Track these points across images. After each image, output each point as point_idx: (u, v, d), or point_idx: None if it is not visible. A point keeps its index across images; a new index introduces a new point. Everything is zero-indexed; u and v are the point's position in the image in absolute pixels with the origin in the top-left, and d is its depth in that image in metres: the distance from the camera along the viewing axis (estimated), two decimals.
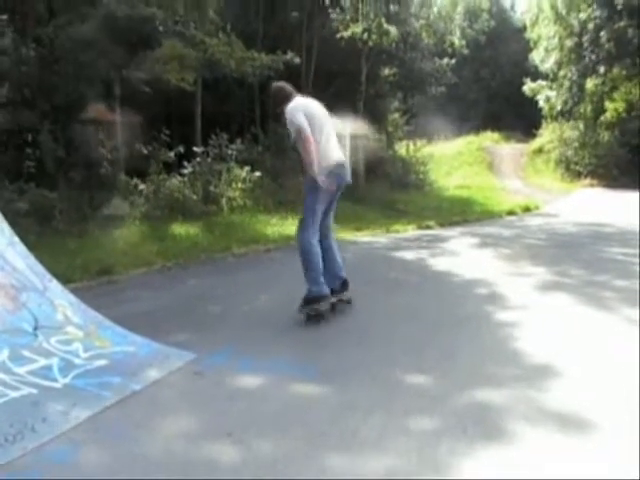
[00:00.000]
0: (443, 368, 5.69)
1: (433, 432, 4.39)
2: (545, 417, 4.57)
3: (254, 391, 5.25)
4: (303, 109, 7.38)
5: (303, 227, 7.61)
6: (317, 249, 7.55)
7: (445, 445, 4.17)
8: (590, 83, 41.37)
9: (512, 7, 68.49)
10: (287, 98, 7.63)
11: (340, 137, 7.99)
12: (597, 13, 40.51)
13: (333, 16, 26.72)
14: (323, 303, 7.46)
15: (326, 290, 7.49)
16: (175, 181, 17.35)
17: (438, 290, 9.34)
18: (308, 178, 7.45)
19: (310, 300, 7.42)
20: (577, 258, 11.99)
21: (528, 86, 45.99)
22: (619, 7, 38.57)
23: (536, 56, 47.16)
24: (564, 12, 42.24)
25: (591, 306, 7.95)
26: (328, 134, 7.52)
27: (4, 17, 14.98)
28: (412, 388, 5.26)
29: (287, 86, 7.90)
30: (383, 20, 26.45)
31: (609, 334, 6.72)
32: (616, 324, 7.09)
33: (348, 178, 7.69)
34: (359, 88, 27.81)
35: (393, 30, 26.64)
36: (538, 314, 7.65)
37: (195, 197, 17.21)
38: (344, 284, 7.87)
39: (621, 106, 39.99)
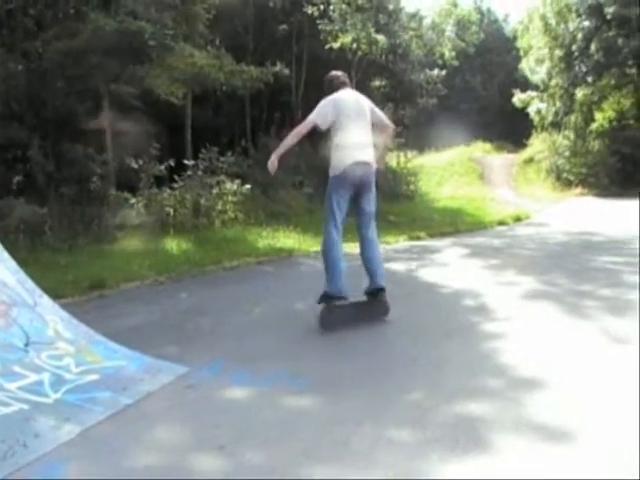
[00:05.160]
0: (432, 379, 5.70)
1: (423, 443, 4.40)
2: (531, 429, 4.56)
3: (246, 404, 5.26)
4: (333, 105, 7.71)
5: (324, 227, 7.88)
6: (335, 250, 7.70)
7: (435, 456, 4.18)
8: (580, 93, 41.49)
9: (505, 19, 68.86)
10: (334, 89, 7.98)
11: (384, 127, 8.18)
12: (586, 23, 40.67)
13: (321, 27, 26.75)
14: (336, 303, 7.60)
15: (337, 291, 7.56)
16: (166, 195, 17.35)
17: (428, 301, 9.32)
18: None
19: (325, 297, 7.62)
20: (566, 267, 12.00)
21: (518, 98, 46.06)
22: (608, 17, 38.71)
23: (526, 66, 47.34)
24: (553, 22, 42.38)
25: (576, 316, 7.94)
26: (349, 133, 7.65)
27: None
28: (402, 399, 5.26)
29: (340, 76, 8.24)
30: (372, 30, 26.52)
31: (594, 344, 6.72)
32: (601, 334, 7.08)
33: (363, 177, 7.68)
34: None
35: (382, 39, 26.71)
36: (526, 324, 7.63)
37: (186, 211, 17.21)
38: (372, 293, 7.90)
39: (611, 115, 40.12)
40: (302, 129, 7.63)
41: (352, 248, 8.34)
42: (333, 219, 7.68)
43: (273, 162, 7.79)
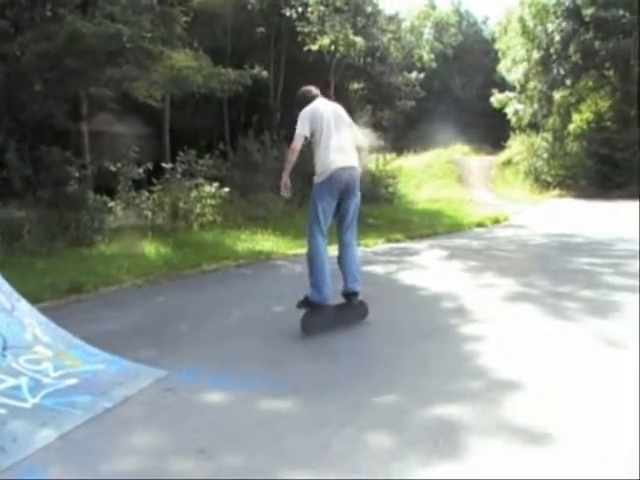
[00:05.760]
0: (411, 382, 5.71)
1: (403, 445, 4.40)
2: (508, 431, 4.57)
3: (225, 407, 5.25)
4: (311, 115, 7.70)
5: (308, 233, 7.76)
6: (321, 258, 7.62)
7: (415, 458, 4.19)
8: (558, 95, 41.69)
9: (485, 21, 69.13)
10: (308, 101, 7.98)
11: (359, 149, 8.08)
12: (564, 25, 40.85)
13: (300, 29, 26.74)
14: (318, 309, 7.56)
15: (322, 299, 7.52)
16: (144, 198, 17.29)
17: (407, 304, 9.33)
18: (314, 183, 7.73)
19: (307, 303, 7.59)
20: (546, 269, 12.05)
21: (495, 98, 46.24)
22: (586, 19, 38.92)
23: (503, 68, 47.54)
24: (531, 24, 42.54)
25: (557, 317, 7.96)
26: (332, 139, 7.64)
27: None
28: (381, 402, 5.27)
29: (312, 90, 8.26)
30: (350, 31, 26.55)
31: (575, 346, 6.74)
32: (583, 336, 7.10)
33: (349, 181, 7.66)
34: None
35: (360, 40, 26.74)
36: (506, 326, 7.65)
37: (164, 214, 17.17)
38: (347, 296, 7.90)
39: (588, 117, 40.36)
40: (296, 145, 7.58)
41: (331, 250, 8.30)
42: (318, 226, 7.61)
43: (286, 184, 7.80)
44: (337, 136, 7.68)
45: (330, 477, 3.99)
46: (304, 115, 7.71)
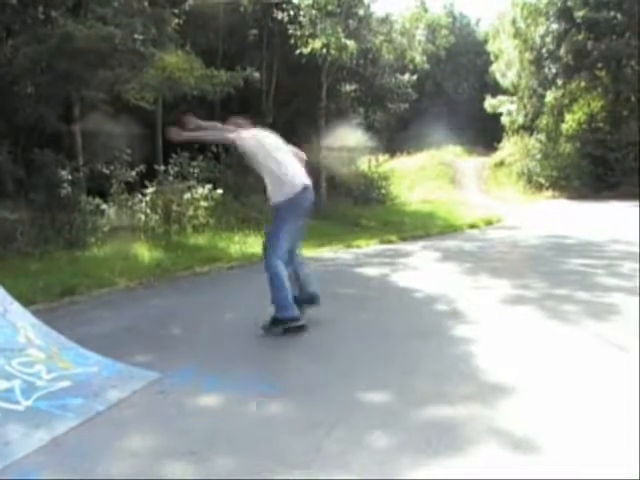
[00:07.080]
0: (403, 384, 5.70)
1: (394, 447, 4.41)
2: (496, 436, 4.57)
3: (218, 409, 5.25)
4: (254, 135, 7.81)
5: (268, 253, 7.62)
6: (282, 273, 7.49)
7: (406, 460, 4.19)
8: (550, 96, 41.76)
9: (477, 22, 69.29)
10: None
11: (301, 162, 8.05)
12: (555, 26, 40.93)
13: (291, 32, 26.73)
14: (290, 326, 7.46)
15: (292, 313, 7.46)
16: (137, 200, 17.29)
17: (400, 306, 9.32)
18: (274, 205, 7.61)
19: (276, 322, 7.49)
20: (538, 270, 12.05)
21: (489, 102, 46.34)
22: (578, 20, 39.01)
23: (496, 69, 47.63)
24: (523, 26, 42.60)
25: (553, 320, 7.94)
26: (285, 158, 7.70)
27: None
28: (374, 403, 5.27)
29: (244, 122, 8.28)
30: (341, 35, 26.53)
31: (569, 349, 6.74)
32: (580, 339, 7.09)
33: (312, 201, 7.67)
34: (320, 104, 27.88)
35: (351, 44, 26.72)
36: (499, 328, 7.66)
37: (157, 216, 17.16)
38: (311, 300, 7.90)
39: (581, 118, 40.45)
40: (226, 139, 7.97)
41: (320, 252, 8.30)
42: (279, 250, 7.50)
43: (178, 132, 8.07)
44: (289, 155, 7.79)
45: (323, 477, 4.00)
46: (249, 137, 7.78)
